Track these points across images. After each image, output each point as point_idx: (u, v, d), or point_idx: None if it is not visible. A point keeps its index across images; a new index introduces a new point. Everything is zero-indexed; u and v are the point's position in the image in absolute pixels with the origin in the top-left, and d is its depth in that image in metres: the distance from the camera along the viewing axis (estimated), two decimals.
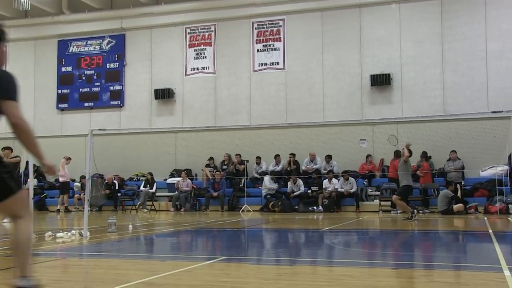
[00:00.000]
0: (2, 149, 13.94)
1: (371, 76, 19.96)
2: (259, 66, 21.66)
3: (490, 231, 10.71)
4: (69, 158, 20.27)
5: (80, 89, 23.88)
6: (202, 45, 22.50)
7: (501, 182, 16.89)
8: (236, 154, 20.88)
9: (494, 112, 9.79)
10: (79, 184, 21.39)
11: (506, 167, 17.45)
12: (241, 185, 19.96)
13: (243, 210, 18.95)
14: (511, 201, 16.61)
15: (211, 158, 21.00)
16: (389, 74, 19.80)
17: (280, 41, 21.54)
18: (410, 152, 14.02)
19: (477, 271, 5.97)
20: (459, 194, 16.73)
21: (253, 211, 18.83)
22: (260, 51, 21.71)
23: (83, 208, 10.68)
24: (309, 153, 20.02)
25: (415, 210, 14.23)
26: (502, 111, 9.42)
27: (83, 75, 23.95)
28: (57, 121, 24.03)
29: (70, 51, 24.26)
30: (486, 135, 18.01)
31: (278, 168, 20.39)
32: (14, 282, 3.89)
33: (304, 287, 4.92)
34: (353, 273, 5.84)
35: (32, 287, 3.92)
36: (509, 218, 14.53)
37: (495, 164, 17.83)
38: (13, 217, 4.04)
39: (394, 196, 14.63)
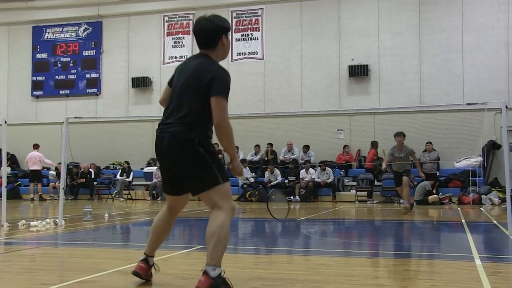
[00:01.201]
0: None
1: (349, 67, 20.04)
2: (237, 55, 21.59)
3: (463, 221, 10.90)
4: (38, 146, 20.15)
5: (56, 77, 23.54)
6: (180, 34, 22.33)
7: (474, 173, 17.17)
8: (214, 143, 20.77)
9: (469, 104, 9.87)
10: (54, 173, 21.14)
11: (480, 159, 17.74)
12: None
13: None
14: (484, 192, 16.92)
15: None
16: (367, 65, 19.91)
17: (258, 30, 21.48)
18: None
19: (450, 260, 6.07)
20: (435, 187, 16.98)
21: None
22: (239, 40, 21.63)
23: (58, 196, 10.56)
24: (287, 143, 20.08)
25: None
26: (477, 103, 9.53)
27: (58, 62, 23.59)
28: (31, 108, 23.67)
29: (45, 37, 23.87)
30: (461, 127, 18.25)
31: (256, 158, 20.41)
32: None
33: (280, 276, 4.95)
34: (328, 262, 5.88)
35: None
36: (481, 209, 14.79)
37: (469, 156, 18.13)
38: None
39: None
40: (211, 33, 4.22)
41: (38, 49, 23.88)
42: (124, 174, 20.58)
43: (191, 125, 4.10)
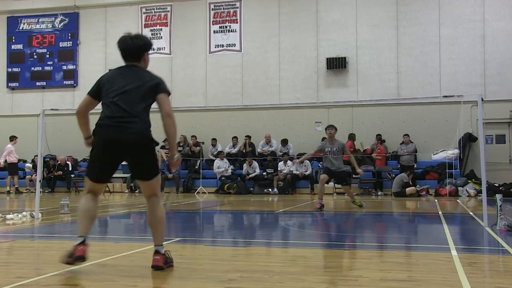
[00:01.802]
0: None
1: (327, 59, 20.09)
2: (215, 47, 21.49)
3: (440, 213, 11.04)
4: (15, 138, 19.83)
5: (32, 68, 23.18)
6: (158, 25, 22.15)
7: (451, 165, 17.41)
8: (192, 136, 20.75)
9: (446, 96, 9.98)
10: (30, 165, 20.86)
11: (457, 151, 17.97)
12: (196, 167, 19.90)
13: (198, 192, 18.91)
14: (461, 184, 17.16)
15: (166, 140, 20.80)
16: (345, 58, 19.98)
17: (236, 22, 21.40)
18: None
19: (427, 251, 6.14)
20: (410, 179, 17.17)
21: (208, 193, 18.81)
22: (217, 32, 21.53)
23: (35, 189, 10.43)
24: (265, 135, 20.09)
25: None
26: (454, 96, 9.63)
27: (34, 53, 23.23)
28: (7, 100, 23.29)
29: (20, 28, 23.47)
30: (438, 119, 18.45)
31: (234, 150, 20.40)
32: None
33: (258, 268, 4.96)
34: (306, 254, 5.91)
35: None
36: (458, 200, 15.00)
37: (446, 148, 18.35)
38: None
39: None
40: (140, 50, 4.93)
41: (14, 40, 23.47)
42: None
43: (143, 122, 4.72)
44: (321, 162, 19.29)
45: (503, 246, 6.22)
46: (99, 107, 5.07)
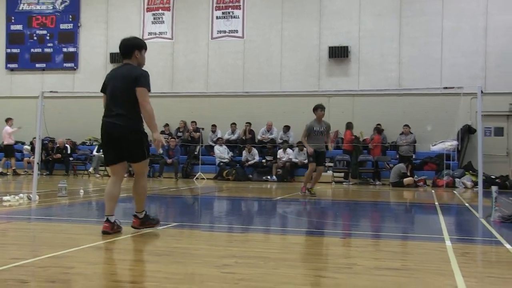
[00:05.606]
0: None
1: (329, 48, 20.03)
2: (217, 33, 21.41)
3: (436, 203, 11.08)
4: (10, 119, 19.87)
5: (31, 49, 23.10)
6: (160, 10, 22.04)
7: (449, 157, 17.43)
8: (192, 122, 20.75)
9: (446, 88, 9.97)
10: (29, 147, 20.87)
11: (455, 142, 17.98)
12: (195, 153, 19.91)
13: (197, 178, 18.93)
14: (458, 175, 17.19)
15: (166, 125, 20.80)
16: (347, 47, 19.92)
17: (239, 9, 21.29)
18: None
19: (421, 241, 6.18)
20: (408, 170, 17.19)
21: (207, 179, 18.83)
22: (219, 18, 21.43)
23: (33, 171, 10.45)
24: (267, 123, 20.08)
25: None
26: (454, 87, 9.63)
27: (34, 34, 23.13)
28: (6, 81, 23.25)
29: (20, 8, 23.35)
30: (438, 111, 18.44)
31: (234, 137, 20.41)
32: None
33: (253, 254, 4.98)
34: (302, 241, 5.95)
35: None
36: (454, 192, 15.04)
37: (445, 139, 18.36)
38: None
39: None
40: (127, 49, 5.95)
41: (13, 20, 23.35)
42: (101, 150, 20.39)
43: (128, 118, 5.67)
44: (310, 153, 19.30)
45: (496, 237, 6.26)
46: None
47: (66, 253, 4.79)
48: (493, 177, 16.76)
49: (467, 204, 10.87)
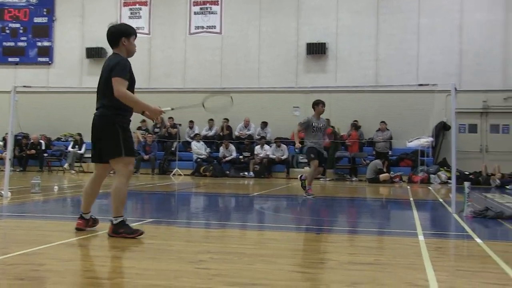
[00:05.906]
0: None
1: (307, 44, 20.09)
2: (195, 29, 21.31)
3: (411, 199, 11.20)
4: None
5: (4, 43, 22.72)
6: (137, 4, 21.85)
7: (423, 153, 17.63)
8: (169, 118, 20.63)
9: (421, 85, 10.08)
10: (1, 143, 20.52)
11: (431, 139, 18.19)
12: (173, 149, 19.81)
13: (174, 174, 18.85)
14: (433, 171, 17.40)
15: (143, 121, 20.64)
16: (325, 43, 20.00)
17: (217, 4, 21.22)
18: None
19: (395, 236, 6.24)
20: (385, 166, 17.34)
21: (184, 175, 18.76)
22: (197, 13, 21.34)
23: (5, 167, 10.27)
24: (244, 119, 20.06)
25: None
26: (428, 85, 9.71)
27: (7, 28, 22.74)
28: None
29: None
30: (414, 107, 18.63)
31: (211, 133, 20.35)
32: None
33: (229, 250, 4.97)
34: (278, 237, 5.95)
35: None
36: (429, 188, 15.22)
37: (421, 136, 18.55)
38: None
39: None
40: (113, 36, 5.61)
41: None
42: (76, 146, 20.18)
43: (105, 109, 5.49)
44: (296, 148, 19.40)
45: (468, 232, 6.35)
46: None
47: (37, 250, 4.72)
48: (467, 173, 17.00)
49: (440, 200, 11.01)
